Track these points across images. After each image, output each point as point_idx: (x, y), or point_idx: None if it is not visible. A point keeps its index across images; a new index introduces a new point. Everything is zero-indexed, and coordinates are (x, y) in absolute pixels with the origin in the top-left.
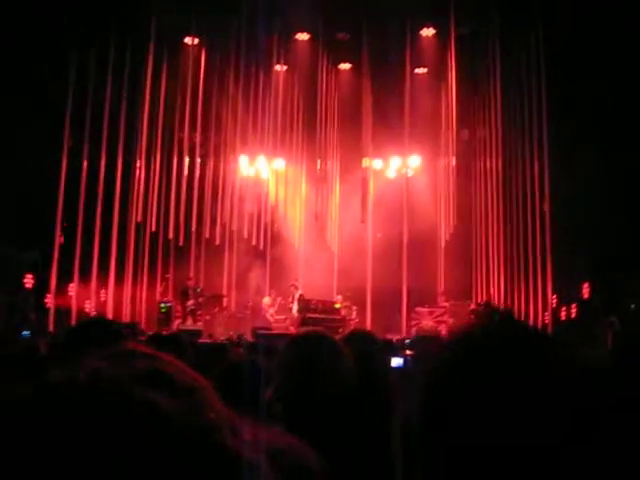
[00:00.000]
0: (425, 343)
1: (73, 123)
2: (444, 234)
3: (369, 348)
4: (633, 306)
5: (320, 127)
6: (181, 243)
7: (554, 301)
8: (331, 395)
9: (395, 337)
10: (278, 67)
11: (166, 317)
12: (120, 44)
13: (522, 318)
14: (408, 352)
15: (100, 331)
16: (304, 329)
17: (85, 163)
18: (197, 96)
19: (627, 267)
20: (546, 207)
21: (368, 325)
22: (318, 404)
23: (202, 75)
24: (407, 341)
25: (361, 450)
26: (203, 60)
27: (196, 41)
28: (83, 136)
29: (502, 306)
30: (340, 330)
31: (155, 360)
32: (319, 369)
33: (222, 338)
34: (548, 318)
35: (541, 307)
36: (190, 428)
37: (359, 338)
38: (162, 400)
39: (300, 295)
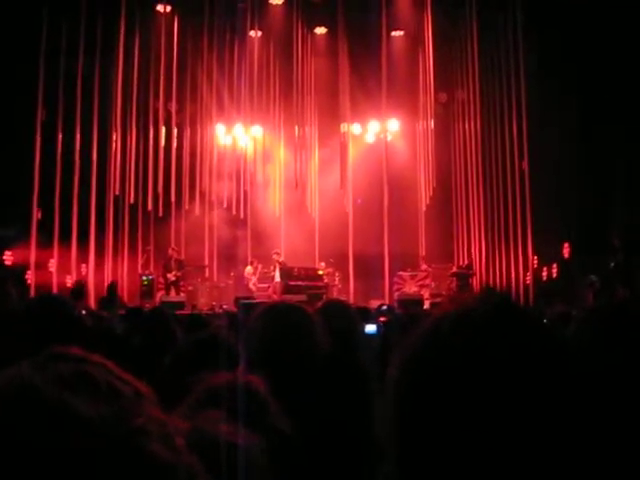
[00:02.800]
0: (408, 307)
1: (46, 97)
2: (424, 198)
3: (343, 318)
4: (612, 264)
5: (297, 93)
6: (160, 214)
7: (535, 262)
8: (303, 367)
9: (378, 302)
10: (253, 33)
11: (148, 289)
12: (90, 14)
13: (504, 279)
14: (382, 319)
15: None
16: (287, 297)
17: (60, 136)
18: (171, 65)
19: (606, 225)
20: (525, 166)
21: (351, 291)
22: (289, 375)
23: (176, 43)
24: (384, 307)
25: (335, 422)
26: (176, 28)
27: (168, 8)
28: (57, 109)
29: (482, 267)
30: (323, 297)
31: (83, 364)
32: (288, 340)
33: (205, 309)
34: (529, 279)
35: (522, 268)
36: (110, 433)
37: (333, 308)
38: (80, 404)
39: (282, 263)
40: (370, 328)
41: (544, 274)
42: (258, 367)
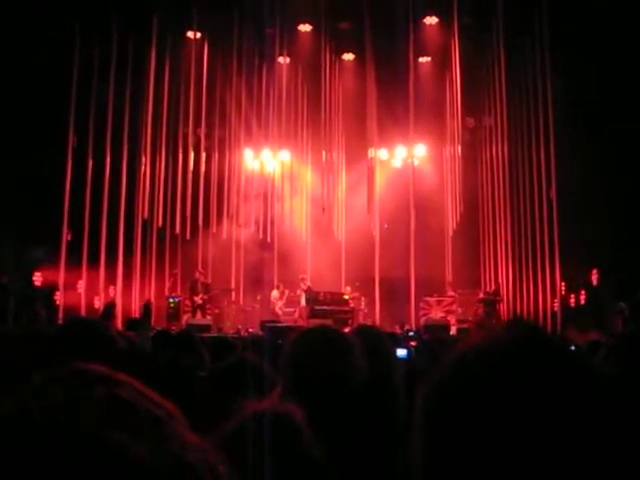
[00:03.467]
0: (434, 332)
1: (77, 121)
2: (451, 223)
3: (378, 341)
4: None
5: (325, 118)
6: (188, 237)
7: (563, 288)
8: (341, 391)
9: (404, 327)
10: (281, 59)
11: (175, 312)
12: (122, 40)
13: (531, 306)
14: (412, 343)
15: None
16: (313, 321)
17: (90, 161)
18: (201, 90)
19: (635, 251)
20: (553, 194)
21: (377, 316)
22: (327, 400)
23: (205, 69)
24: (411, 333)
25: (370, 445)
26: (206, 54)
27: (198, 35)
28: (88, 134)
29: (509, 294)
30: (349, 321)
31: (114, 385)
32: (329, 364)
33: (231, 332)
34: (557, 305)
35: (550, 294)
36: (166, 475)
37: (367, 331)
38: (129, 443)
39: (308, 287)
40: (401, 352)
41: (572, 300)
42: (295, 393)
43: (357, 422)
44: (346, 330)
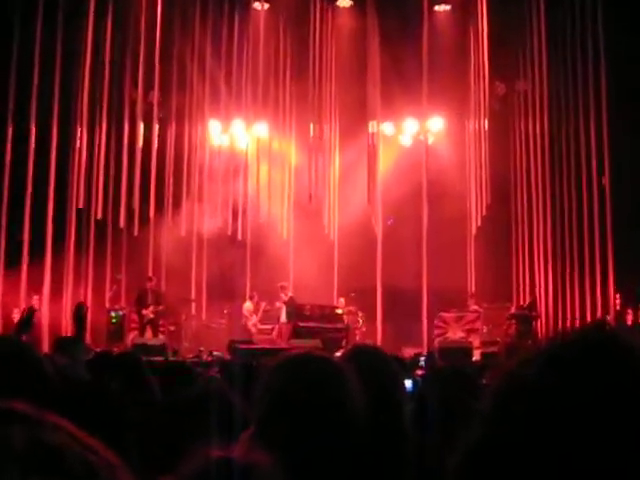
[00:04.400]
0: (452, 357)
1: None
2: (475, 218)
3: (380, 369)
4: None
5: (314, 82)
6: (135, 233)
7: (617, 302)
8: (334, 436)
9: (413, 351)
10: (257, 5)
11: (118, 329)
12: None
13: (577, 323)
14: (419, 372)
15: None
16: (295, 342)
17: (9, 132)
18: (154, 45)
19: None
20: (606, 181)
21: (379, 335)
22: (316, 447)
23: (159, 17)
24: (421, 358)
25: None
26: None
27: None
28: (6, 97)
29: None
30: (343, 343)
31: (38, 427)
32: (317, 403)
33: (190, 355)
34: (611, 323)
35: (601, 309)
36: None
37: (365, 356)
38: None
39: (290, 298)
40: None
41: (629, 317)
42: (270, 437)
43: (350, 477)
44: (338, 354)
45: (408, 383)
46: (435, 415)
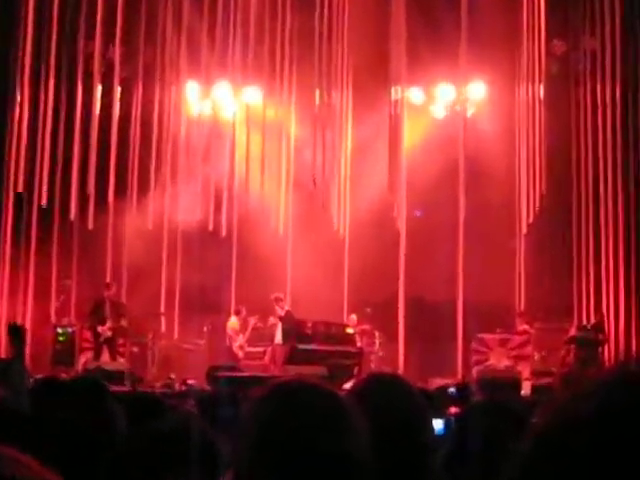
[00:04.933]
0: (495, 391)
1: None
2: (526, 211)
3: (401, 405)
4: None
5: (321, 36)
6: (90, 226)
7: None
8: None
9: (445, 383)
10: None
11: (66, 350)
12: None
13: None
14: (453, 409)
15: None
16: (293, 369)
17: None
18: None
19: None
20: None
21: (401, 362)
22: None
23: None
24: (451, 390)
25: None
26: None
27: None
28: None
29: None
30: (355, 371)
31: None
32: (311, 448)
33: (158, 384)
34: None
35: None
36: None
37: (382, 388)
38: None
39: (287, 313)
40: (435, 425)
41: None
42: None
43: None
44: (347, 386)
45: (438, 424)
46: (474, 464)
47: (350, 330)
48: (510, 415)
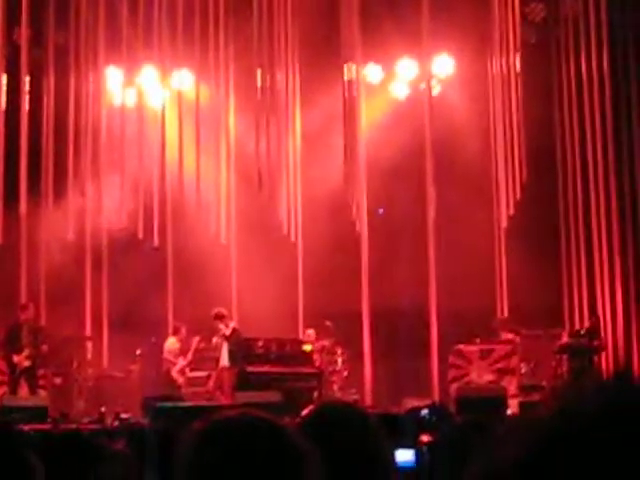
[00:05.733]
0: (476, 409)
1: None
2: (506, 202)
3: (355, 439)
4: None
5: (261, 9)
6: (0, 241)
7: None
8: None
9: (417, 404)
10: None
11: None
12: None
13: None
14: (425, 438)
15: None
16: (242, 397)
17: None
18: None
19: None
20: None
21: (367, 382)
22: None
23: None
24: (424, 411)
25: None
26: None
27: None
28: None
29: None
30: (315, 394)
31: None
32: None
33: (86, 420)
34: None
35: None
36: None
37: (335, 419)
38: None
39: (233, 330)
40: (403, 456)
41: None
42: None
43: None
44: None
45: (407, 455)
46: None
47: (307, 347)
48: (492, 437)
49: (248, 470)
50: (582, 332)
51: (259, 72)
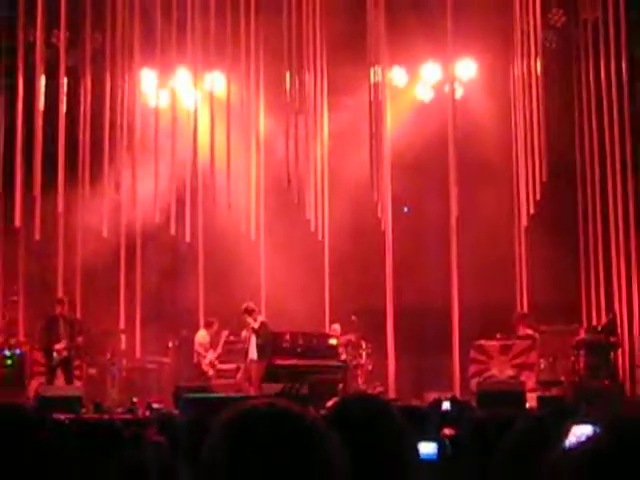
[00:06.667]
0: (496, 404)
1: None
2: (526, 202)
3: (379, 431)
4: None
5: (290, 14)
6: (37, 237)
7: None
8: None
9: (439, 396)
10: None
11: (15, 375)
12: None
13: None
14: (448, 431)
15: None
16: (269, 388)
17: None
18: None
19: None
20: None
21: (391, 375)
22: None
23: None
24: (446, 405)
25: None
26: None
27: None
28: None
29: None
30: (340, 386)
31: None
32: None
33: (119, 410)
34: None
35: None
36: None
37: (358, 411)
38: None
39: (261, 324)
40: (426, 449)
41: None
42: None
43: None
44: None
45: (430, 447)
46: None
47: (333, 341)
48: (513, 432)
49: (274, 457)
50: (599, 329)
51: (288, 75)
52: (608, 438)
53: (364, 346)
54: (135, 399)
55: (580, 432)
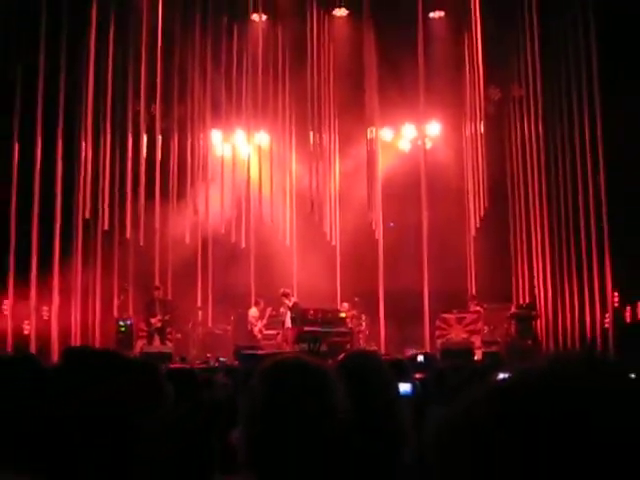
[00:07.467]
0: (454, 358)
1: None
2: (474, 220)
3: (372, 376)
4: None
5: (312, 90)
6: (141, 243)
7: (616, 299)
8: (312, 442)
9: (414, 351)
10: (256, 16)
11: (126, 337)
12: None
13: (576, 322)
14: (418, 375)
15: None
16: (300, 346)
17: (16, 147)
18: (155, 57)
19: None
20: (601, 179)
21: (382, 338)
22: (294, 452)
23: (160, 30)
24: (419, 358)
25: None
26: (161, 10)
27: None
28: (11, 112)
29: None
30: (347, 346)
31: None
32: (304, 407)
33: (198, 361)
34: (608, 321)
35: (599, 307)
36: None
37: (358, 362)
38: None
39: (294, 303)
40: (404, 388)
41: (627, 314)
42: (255, 446)
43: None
44: (339, 358)
45: (406, 387)
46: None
47: (343, 315)
48: (463, 375)
49: (298, 394)
50: (524, 305)
51: (311, 133)
52: (511, 377)
53: (364, 318)
54: (209, 354)
55: (502, 376)
